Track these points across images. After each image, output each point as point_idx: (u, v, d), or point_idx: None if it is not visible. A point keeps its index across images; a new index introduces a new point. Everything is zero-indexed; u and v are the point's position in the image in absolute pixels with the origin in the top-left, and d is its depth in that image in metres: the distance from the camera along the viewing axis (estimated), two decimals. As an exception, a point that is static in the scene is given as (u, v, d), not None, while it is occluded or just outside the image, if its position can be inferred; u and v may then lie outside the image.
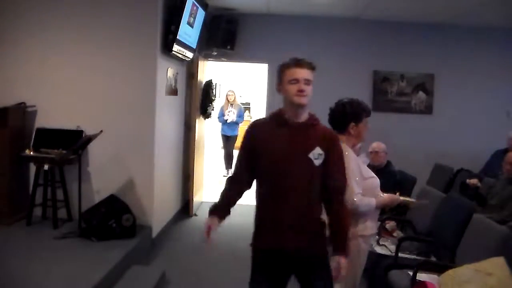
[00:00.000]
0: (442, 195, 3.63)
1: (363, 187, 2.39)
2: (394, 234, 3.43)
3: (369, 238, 2.52)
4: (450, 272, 2.44)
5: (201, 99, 5.79)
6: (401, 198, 2.63)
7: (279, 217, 2.00)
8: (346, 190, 2.09)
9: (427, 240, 3.23)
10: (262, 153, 2.02)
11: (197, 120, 5.61)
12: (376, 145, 4.38)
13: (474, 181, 4.09)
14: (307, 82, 1.97)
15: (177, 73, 4.89)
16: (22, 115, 4.16)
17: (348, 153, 2.34)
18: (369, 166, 4.51)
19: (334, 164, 2.02)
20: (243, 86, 10.60)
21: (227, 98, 7.89)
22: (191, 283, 3.67)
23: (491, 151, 5.02)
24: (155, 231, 4.36)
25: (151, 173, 4.22)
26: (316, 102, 6.86)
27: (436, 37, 6.16)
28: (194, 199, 5.62)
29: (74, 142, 3.87)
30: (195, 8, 4.69)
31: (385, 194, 2.54)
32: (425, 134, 6.23)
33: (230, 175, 2.31)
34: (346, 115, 2.44)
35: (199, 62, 5.59)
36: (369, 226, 2.45)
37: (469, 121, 6.23)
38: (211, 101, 6.00)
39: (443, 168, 5.10)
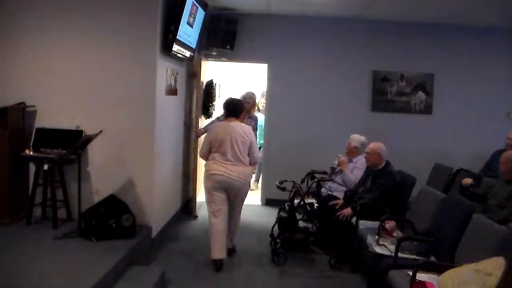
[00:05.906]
0: (442, 195, 3.62)
1: None
2: (394, 234, 3.42)
3: None
4: (450, 272, 2.44)
5: (202, 99, 5.78)
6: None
7: None
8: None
9: (427, 240, 3.23)
10: None
11: (198, 120, 5.61)
12: (372, 145, 4.30)
13: (467, 180, 4.09)
14: None
15: (177, 73, 4.89)
16: (22, 115, 4.16)
17: (252, 132, 4.12)
18: (368, 167, 4.48)
19: None
20: (242, 86, 10.59)
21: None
22: (191, 283, 3.67)
23: (491, 151, 5.01)
24: (155, 231, 4.36)
25: (151, 173, 4.23)
26: (317, 101, 6.84)
27: (436, 37, 6.16)
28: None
29: (74, 142, 3.87)
30: (195, 8, 4.69)
31: None
32: (425, 134, 6.23)
33: None
34: (242, 106, 4.20)
35: (199, 62, 5.58)
36: None
37: (469, 121, 6.24)
38: (213, 100, 6.00)
39: (443, 168, 5.10)
